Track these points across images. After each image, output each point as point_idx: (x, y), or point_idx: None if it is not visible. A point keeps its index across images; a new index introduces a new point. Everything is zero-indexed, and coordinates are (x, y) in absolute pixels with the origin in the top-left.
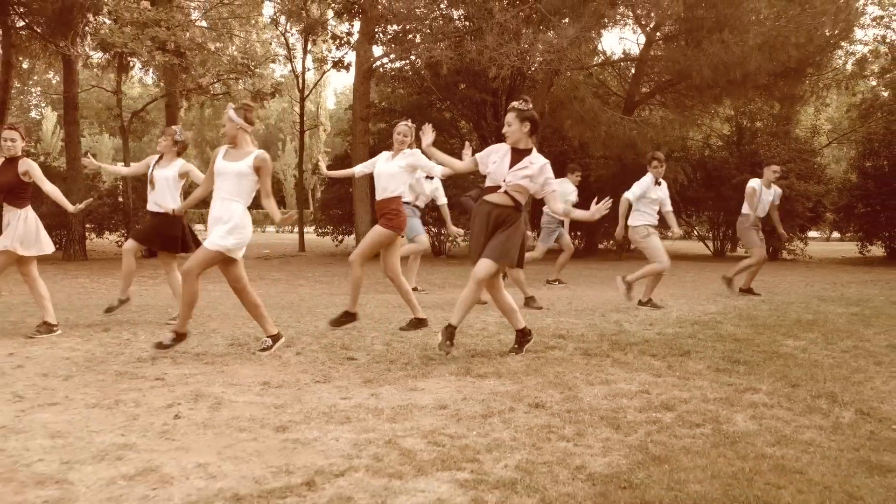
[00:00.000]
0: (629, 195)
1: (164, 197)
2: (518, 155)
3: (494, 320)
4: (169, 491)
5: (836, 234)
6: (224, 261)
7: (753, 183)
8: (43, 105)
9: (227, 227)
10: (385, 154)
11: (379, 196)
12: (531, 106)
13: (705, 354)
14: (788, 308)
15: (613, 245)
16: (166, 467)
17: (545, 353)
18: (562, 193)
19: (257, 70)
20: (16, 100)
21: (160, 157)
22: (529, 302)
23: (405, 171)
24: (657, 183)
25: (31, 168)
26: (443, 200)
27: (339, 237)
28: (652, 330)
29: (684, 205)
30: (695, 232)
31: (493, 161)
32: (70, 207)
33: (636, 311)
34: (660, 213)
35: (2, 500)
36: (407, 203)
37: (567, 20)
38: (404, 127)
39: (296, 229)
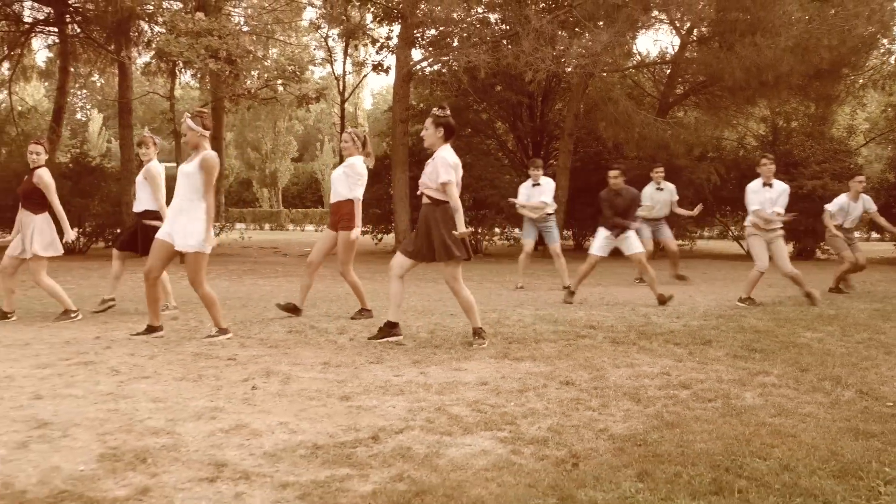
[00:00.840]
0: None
1: (140, 199)
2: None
3: (530, 312)
4: (260, 441)
5: (875, 235)
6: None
7: (840, 200)
8: (89, 107)
9: (187, 228)
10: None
11: (332, 199)
12: (448, 112)
13: (725, 343)
14: None
15: None
16: (254, 424)
17: (576, 341)
18: (645, 196)
19: (303, 75)
20: None
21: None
22: (567, 297)
23: (346, 176)
24: (768, 185)
25: (40, 180)
26: (550, 203)
27: (379, 235)
28: (678, 322)
29: (718, 204)
30: (730, 232)
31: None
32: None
33: (665, 306)
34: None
35: (128, 445)
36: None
37: (602, 23)
38: (346, 135)
39: None
